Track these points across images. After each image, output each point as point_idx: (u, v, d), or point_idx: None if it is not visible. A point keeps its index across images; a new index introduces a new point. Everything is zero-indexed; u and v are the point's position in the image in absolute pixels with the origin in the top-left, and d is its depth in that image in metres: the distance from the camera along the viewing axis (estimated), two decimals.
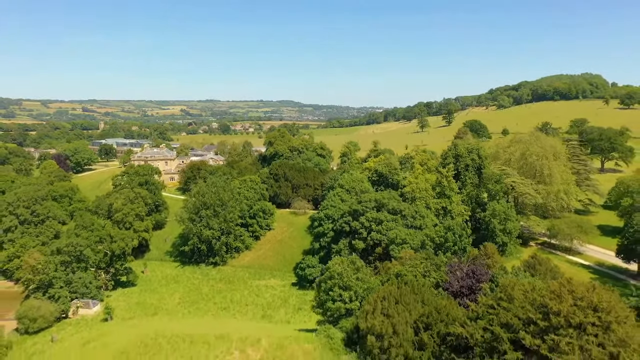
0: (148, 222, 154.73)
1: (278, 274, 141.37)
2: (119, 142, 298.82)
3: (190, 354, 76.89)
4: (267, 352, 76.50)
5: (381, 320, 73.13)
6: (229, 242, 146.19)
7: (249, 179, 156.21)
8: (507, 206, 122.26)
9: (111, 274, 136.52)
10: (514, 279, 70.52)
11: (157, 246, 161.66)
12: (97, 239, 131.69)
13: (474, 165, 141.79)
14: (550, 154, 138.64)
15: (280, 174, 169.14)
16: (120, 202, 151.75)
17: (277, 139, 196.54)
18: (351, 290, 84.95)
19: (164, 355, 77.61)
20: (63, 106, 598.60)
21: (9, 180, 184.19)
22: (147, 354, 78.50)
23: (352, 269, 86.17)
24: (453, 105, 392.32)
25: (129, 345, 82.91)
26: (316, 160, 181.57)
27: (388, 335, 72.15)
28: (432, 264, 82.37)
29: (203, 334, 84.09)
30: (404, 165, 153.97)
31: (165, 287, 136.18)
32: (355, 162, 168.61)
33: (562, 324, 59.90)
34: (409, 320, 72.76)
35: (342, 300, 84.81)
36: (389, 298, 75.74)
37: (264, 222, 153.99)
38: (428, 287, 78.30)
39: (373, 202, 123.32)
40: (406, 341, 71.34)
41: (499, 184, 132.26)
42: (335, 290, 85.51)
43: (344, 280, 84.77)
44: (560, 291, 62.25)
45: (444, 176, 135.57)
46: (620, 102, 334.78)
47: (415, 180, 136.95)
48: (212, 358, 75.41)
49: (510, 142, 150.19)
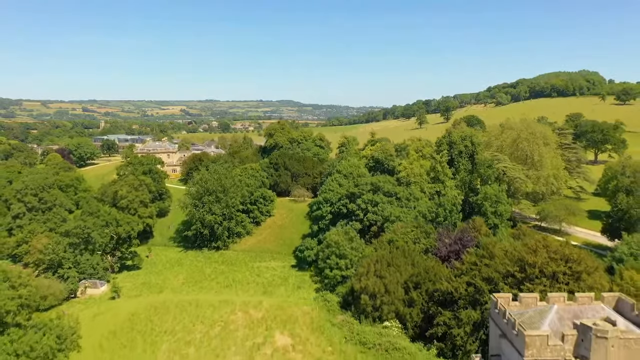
0: (152, 208, 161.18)
1: (278, 257, 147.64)
2: (120, 138, 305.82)
3: (196, 314, 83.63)
4: (267, 312, 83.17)
5: (374, 281, 79.73)
6: (231, 227, 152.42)
7: (250, 167, 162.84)
8: (499, 189, 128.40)
9: (117, 257, 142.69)
10: (495, 239, 77.15)
11: (160, 232, 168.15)
12: (103, 223, 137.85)
13: (467, 152, 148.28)
14: (540, 140, 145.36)
15: (280, 163, 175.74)
16: (125, 189, 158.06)
17: (277, 131, 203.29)
18: (347, 259, 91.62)
19: (171, 316, 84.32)
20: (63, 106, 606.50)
21: (16, 171, 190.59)
22: (157, 315, 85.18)
23: (347, 239, 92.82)
24: (451, 102, 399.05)
25: (139, 308, 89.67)
26: (315, 150, 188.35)
27: (380, 294, 78.78)
28: (422, 232, 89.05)
29: (208, 299, 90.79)
30: (399, 153, 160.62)
31: (170, 269, 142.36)
32: (353, 152, 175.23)
33: (537, 274, 66.85)
34: (399, 280, 79.37)
35: (339, 268, 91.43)
36: (382, 261, 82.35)
37: (265, 208, 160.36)
38: (418, 252, 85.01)
39: (369, 185, 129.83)
40: (397, 299, 78.01)
41: (491, 168, 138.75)
42: (332, 258, 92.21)
43: (340, 249, 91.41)
44: (536, 246, 69.16)
45: (438, 162, 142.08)
46: (616, 98, 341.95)
47: (410, 165, 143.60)
48: (217, 317, 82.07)
49: (502, 130, 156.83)
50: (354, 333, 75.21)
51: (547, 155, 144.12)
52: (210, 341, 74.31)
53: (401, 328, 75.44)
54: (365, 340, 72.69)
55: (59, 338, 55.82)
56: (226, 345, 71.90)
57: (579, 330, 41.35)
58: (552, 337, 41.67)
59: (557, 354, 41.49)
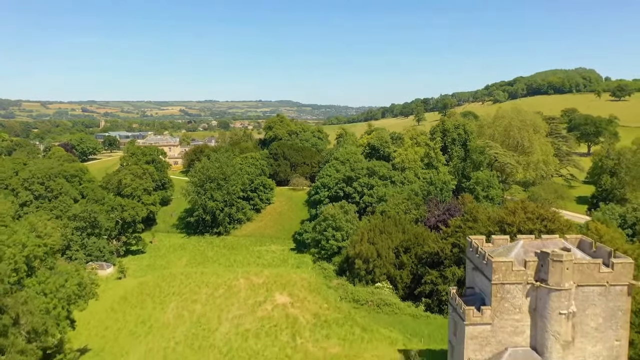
0: (155, 196, 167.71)
1: (278, 241, 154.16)
2: (121, 135, 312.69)
3: (202, 280, 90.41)
4: (268, 278, 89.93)
5: (367, 247, 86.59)
6: (232, 214, 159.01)
7: (250, 156, 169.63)
8: (490, 174, 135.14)
9: (122, 241, 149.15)
10: (478, 205, 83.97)
11: (163, 220, 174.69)
12: (109, 209, 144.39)
13: (460, 140, 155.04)
14: (530, 128, 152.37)
15: (280, 153, 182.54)
16: (129, 178, 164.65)
17: (277, 124, 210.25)
18: (342, 231, 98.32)
19: (178, 281, 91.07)
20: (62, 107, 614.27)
21: (21, 162, 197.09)
22: (164, 281, 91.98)
23: (342, 212, 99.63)
24: (449, 100, 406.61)
25: (148, 278, 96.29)
26: (313, 141, 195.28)
27: (373, 258, 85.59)
28: (413, 204, 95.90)
29: (212, 269, 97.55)
30: (395, 141, 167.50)
31: (173, 253, 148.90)
32: (350, 141, 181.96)
33: (515, 232, 73.54)
34: (391, 246, 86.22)
35: (335, 239, 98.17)
36: (374, 229, 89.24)
37: (265, 196, 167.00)
38: (408, 221, 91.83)
39: (365, 170, 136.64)
40: (388, 263, 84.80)
41: (483, 155, 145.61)
42: (329, 230, 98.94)
43: (336, 221, 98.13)
44: (515, 208, 76.13)
45: (431, 148, 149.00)
46: (611, 95, 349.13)
47: (405, 152, 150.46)
48: (221, 282, 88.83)
49: (494, 118, 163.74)
50: (348, 293, 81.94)
51: (537, 141, 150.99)
52: (215, 300, 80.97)
53: (392, 289, 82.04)
54: (358, 298, 79.39)
55: (80, 285, 62.29)
56: (230, 302, 78.54)
57: (539, 257, 48.11)
58: (515, 264, 48.45)
59: (520, 278, 48.27)
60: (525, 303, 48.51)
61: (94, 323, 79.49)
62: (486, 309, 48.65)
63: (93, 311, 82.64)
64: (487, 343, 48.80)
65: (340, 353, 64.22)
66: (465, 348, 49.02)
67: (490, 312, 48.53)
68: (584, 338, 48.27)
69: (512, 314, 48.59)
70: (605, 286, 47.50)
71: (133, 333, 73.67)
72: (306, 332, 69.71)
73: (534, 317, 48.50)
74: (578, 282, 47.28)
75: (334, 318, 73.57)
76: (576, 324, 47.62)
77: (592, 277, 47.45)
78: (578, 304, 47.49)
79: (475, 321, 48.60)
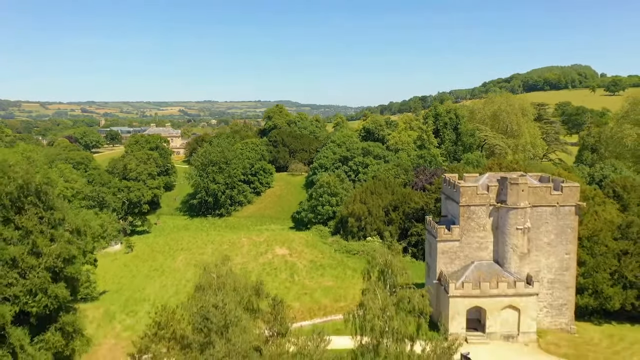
0: (159, 180, 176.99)
1: (277, 221, 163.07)
2: (123, 130, 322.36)
3: (207, 239, 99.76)
4: (268, 237, 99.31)
5: (359, 206, 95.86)
6: (233, 196, 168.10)
7: (251, 142, 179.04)
8: (480, 155, 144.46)
9: (129, 221, 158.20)
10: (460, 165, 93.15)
11: (167, 204, 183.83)
12: (115, 190, 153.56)
13: (451, 124, 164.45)
14: (518, 112, 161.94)
15: (279, 140, 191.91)
16: (134, 162, 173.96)
17: (276, 114, 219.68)
18: (337, 196, 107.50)
19: (186, 240, 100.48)
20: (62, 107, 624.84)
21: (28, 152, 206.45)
22: (173, 240, 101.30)
23: (338, 180, 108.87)
24: (447, 97, 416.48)
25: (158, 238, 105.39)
26: (311, 129, 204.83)
27: (364, 216, 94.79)
28: (402, 169, 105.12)
29: (217, 233, 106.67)
30: (389, 126, 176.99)
31: (177, 233, 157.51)
32: (347, 127, 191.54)
33: None
34: (381, 205, 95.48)
35: (330, 204, 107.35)
36: (366, 191, 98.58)
37: (265, 179, 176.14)
38: (398, 184, 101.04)
39: (360, 150, 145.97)
40: (378, 220, 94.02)
41: (473, 137, 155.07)
42: (325, 197, 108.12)
43: (331, 188, 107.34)
44: (491, 164, 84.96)
45: (424, 131, 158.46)
46: (605, 90, 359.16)
47: (399, 135, 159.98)
48: (225, 240, 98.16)
49: (484, 103, 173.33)
50: (342, 246, 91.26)
51: (524, 125, 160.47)
52: (220, 252, 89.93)
53: (382, 242, 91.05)
54: (350, 249, 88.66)
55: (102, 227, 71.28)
56: (234, 254, 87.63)
57: (500, 182, 57.42)
58: (480, 188, 57.76)
59: (484, 200, 57.57)
60: (488, 222, 57.76)
61: (109, 276, 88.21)
62: (455, 227, 57.89)
63: (107, 269, 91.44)
64: (456, 257, 58.00)
65: (333, 285, 73.29)
66: (437, 262, 58.21)
67: (459, 231, 57.77)
68: (538, 252, 57.47)
69: (477, 231, 57.83)
70: (556, 206, 56.77)
71: (147, 276, 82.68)
72: (303, 273, 78.86)
73: (496, 234, 57.72)
74: (532, 203, 56.53)
75: (328, 263, 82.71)
76: (531, 239, 56.82)
77: (544, 199, 56.72)
78: (533, 222, 56.73)
79: (446, 238, 57.84)
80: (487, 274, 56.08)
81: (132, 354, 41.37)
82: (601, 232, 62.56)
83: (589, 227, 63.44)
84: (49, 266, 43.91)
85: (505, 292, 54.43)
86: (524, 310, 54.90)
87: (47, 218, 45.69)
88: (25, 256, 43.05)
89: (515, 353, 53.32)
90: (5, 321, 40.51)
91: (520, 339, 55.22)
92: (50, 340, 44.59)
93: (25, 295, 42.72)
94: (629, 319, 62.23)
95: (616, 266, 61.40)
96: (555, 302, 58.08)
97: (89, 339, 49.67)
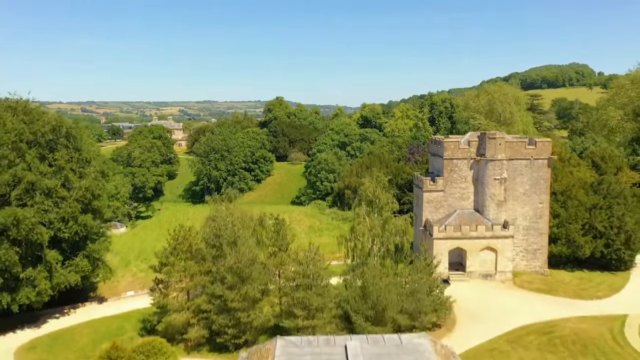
0: (162, 168, 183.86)
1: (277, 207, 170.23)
2: (124, 126, 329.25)
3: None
4: (268, 210, 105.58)
5: (355, 179, 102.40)
6: (235, 183, 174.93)
7: (252, 130, 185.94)
8: None
9: (133, 206, 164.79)
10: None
11: (170, 191, 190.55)
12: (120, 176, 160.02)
13: (446, 113, 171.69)
14: (512, 100, 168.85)
15: (279, 130, 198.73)
16: (138, 151, 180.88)
17: (276, 106, 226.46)
18: (335, 173, 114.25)
19: (190, 214, 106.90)
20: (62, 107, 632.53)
21: None
22: (179, 213, 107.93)
23: (336, 158, 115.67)
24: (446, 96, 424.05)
25: (164, 213, 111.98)
26: (311, 119, 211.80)
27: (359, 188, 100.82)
28: (396, 146, 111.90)
29: None
30: (386, 115, 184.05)
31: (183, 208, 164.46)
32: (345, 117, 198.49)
33: None
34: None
35: (328, 180, 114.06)
36: (362, 165, 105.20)
37: (265, 167, 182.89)
38: (391, 159, 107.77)
39: (358, 135, 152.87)
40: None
41: (467, 124, 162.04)
42: (323, 173, 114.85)
43: (329, 165, 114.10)
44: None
45: (419, 119, 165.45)
46: (602, 87, 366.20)
47: (395, 122, 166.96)
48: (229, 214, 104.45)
49: (478, 92, 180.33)
50: (339, 215, 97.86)
51: (517, 113, 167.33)
52: None
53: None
54: (347, 217, 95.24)
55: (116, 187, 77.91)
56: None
57: (479, 137, 64.25)
58: (461, 144, 64.62)
59: (465, 154, 64.39)
60: (469, 174, 64.55)
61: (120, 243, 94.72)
62: (439, 179, 64.70)
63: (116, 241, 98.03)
64: (441, 206, 64.75)
65: (330, 242, 79.87)
66: (423, 210, 64.96)
67: (443, 182, 64.55)
68: (514, 201, 64.21)
69: (459, 182, 64.61)
70: (530, 160, 63.56)
71: (156, 239, 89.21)
72: (302, 235, 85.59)
73: (476, 185, 64.47)
74: (509, 156, 63.31)
75: (325, 227, 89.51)
76: (508, 189, 63.57)
77: (519, 152, 63.53)
78: (509, 173, 63.49)
79: (431, 189, 64.63)
80: (468, 220, 62.76)
81: (154, 265, 48.05)
82: (574, 188, 69.25)
83: (563, 183, 70.14)
84: (79, 198, 50.62)
85: (484, 235, 61.11)
86: (501, 251, 61.58)
87: (76, 158, 52.49)
88: (58, 188, 49.82)
89: (492, 289, 59.90)
90: (43, 240, 47.24)
91: (497, 278, 61.86)
92: (79, 264, 51.26)
93: (59, 221, 49.44)
94: (599, 267, 68.78)
95: (587, 218, 68.03)
96: (530, 247, 64.77)
97: (111, 269, 56.29)
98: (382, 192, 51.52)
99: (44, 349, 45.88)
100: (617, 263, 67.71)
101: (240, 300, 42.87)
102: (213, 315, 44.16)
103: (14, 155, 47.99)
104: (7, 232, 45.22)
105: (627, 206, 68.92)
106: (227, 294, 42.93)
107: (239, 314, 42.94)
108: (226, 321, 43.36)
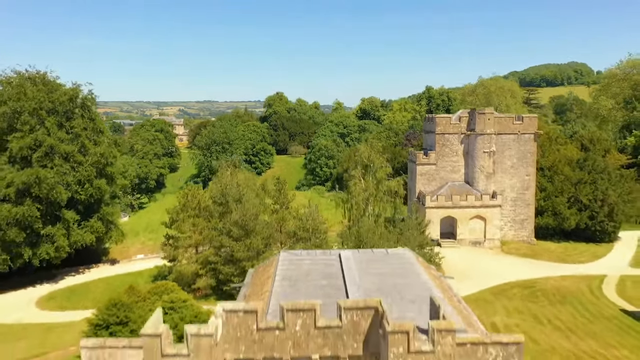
0: (164, 161, 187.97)
1: None
2: (125, 122, 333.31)
3: None
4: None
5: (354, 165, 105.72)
6: None
7: (252, 124, 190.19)
8: None
9: (136, 197, 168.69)
10: None
11: (172, 184, 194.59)
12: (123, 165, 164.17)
13: (444, 105, 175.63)
14: (507, 93, 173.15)
15: (279, 124, 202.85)
16: (141, 143, 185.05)
17: (276, 102, 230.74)
18: (334, 159, 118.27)
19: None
20: None
21: None
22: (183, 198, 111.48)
23: (335, 145, 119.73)
24: None
25: (167, 197, 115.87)
26: (311, 113, 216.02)
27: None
28: (393, 133, 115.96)
29: None
30: (385, 108, 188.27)
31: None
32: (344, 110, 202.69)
33: None
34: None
35: (327, 166, 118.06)
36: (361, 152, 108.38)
37: (265, 160, 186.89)
38: (389, 145, 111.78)
39: (356, 127, 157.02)
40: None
41: None
42: (322, 159, 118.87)
43: (328, 151, 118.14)
44: None
45: (417, 112, 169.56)
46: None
47: (393, 115, 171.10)
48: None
49: (475, 86, 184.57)
50: (338, 197, 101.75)
51: (513, 106, 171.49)
52: None
53: None
54: (346, 199, 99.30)
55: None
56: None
57: (470, 113, 68.38)
58: (453, 119, 68.77)
59: (456, 129, 68.49)
60: (460, 148, 68.66)
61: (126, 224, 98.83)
62: (432, 153, 68.81)
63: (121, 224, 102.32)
64: (433, 179, 68.83)
65: (328, 218, 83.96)
66: (417, 182, 69.06)
67: (435, 155, 68.66)
68: (503, 173, 68.30)
69: (450, 156, 68.72)
70: (517, 134, 67.67)
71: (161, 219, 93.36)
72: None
73: (466, 158, 68.58)
74: (497, 131, 67.42)
75: (325, 206, 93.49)
76: (496, 162, 67.66)
77: (507, 127, 67.65)
78: (498, 147, 67.59)
79: (424, 162, 68.75)
80: (458, 191, 66.85)
81: (165, 222, 51.98)
82: (560, 163, 73.40)
83: (550, 159, 74.28)
84: (94, 163, 54.75)
85: (473, 204, 65.16)
86: (489, 220, 65.65)
87: (90, 127, 56.65)
88: (75, 153, 53.96)
89: (481, 254, 63.95)
90: (62, 200, 51.33)
91: (486, 245, 65.93)
92: (93, 225, 55.37)
93: (76, 184, 53.54)
94: (585, 239, 72.80)
95: (573, 192, 72.15)
96: (517, 217, 68.85)
97: (123, 232, 60.38)
98: (377, 156, 55.49)
99: (63, 299, 49.92)
100: (602, 235, 71.74)
101: (245, 251, 46.92)
102: (220, 266, 48.20)
103: (34, 121, 52.12)
104: (30, 191, 49.27)
105: (611, 181, 73.09)
106: (233, 245, 46.99)
107: (244, 263, 46.98)
108: (232, 270, 47.42)
